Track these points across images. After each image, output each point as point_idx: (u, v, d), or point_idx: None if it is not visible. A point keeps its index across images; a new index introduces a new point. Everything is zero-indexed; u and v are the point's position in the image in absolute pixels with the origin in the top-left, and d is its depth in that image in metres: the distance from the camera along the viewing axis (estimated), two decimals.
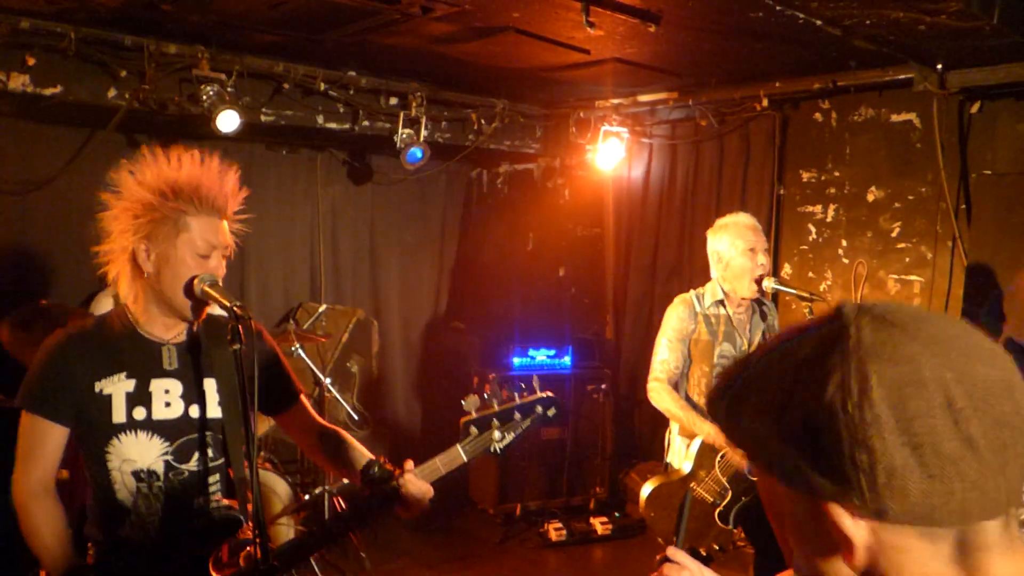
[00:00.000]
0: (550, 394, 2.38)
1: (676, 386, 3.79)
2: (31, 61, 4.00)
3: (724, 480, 3.61)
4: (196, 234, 2.13)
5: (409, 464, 2.22)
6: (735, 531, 3.76)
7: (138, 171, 2.15)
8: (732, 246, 3.69)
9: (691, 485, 3.62)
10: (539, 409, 2.34)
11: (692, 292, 3.85)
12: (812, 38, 4.05)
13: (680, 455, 3.77)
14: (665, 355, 3.77)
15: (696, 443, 3.67)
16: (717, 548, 3.70)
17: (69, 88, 4.20)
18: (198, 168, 2.17)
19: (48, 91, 4.14)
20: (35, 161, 4.84)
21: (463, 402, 2.28)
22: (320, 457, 2.48)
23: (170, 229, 2.11)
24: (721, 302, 3.77)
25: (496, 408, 2.29)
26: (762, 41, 4.19)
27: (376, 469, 2.29)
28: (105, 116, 4.40)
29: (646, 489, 3.79)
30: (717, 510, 3.64)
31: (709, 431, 3.58)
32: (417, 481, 2.17)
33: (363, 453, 2.40)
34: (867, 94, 5.03)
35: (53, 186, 4.82)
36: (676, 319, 3.78)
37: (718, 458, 3.61)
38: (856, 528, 0.85)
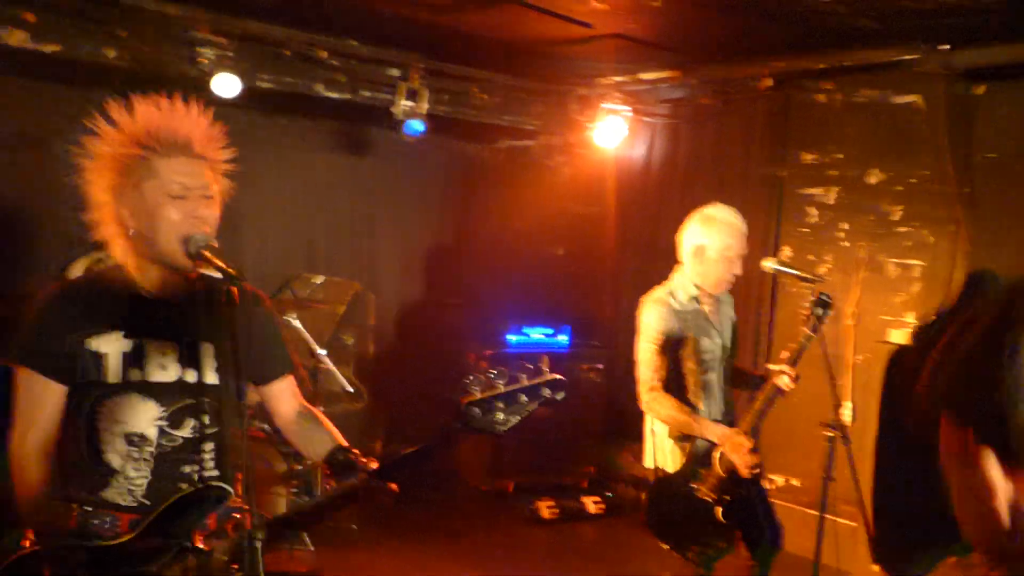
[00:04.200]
0: (559, 377, 2.23)
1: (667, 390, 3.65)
2: (31, 18, 3.95)
3: (724, 476, 3.52)
4: (164, 176, 2.02)
5: (373, 463, 2.13)
6: (736, 531, 3.68)
7: (101, 128, 2.07)
8: (719, 245, 3.55)
9: (693, 485, 3.53)
10: (547, 392, 2.21)
11: (663, 291, 3.65)
12: (816, 15, 4.01)
13: (674, 456, 3.65)
14: (656, 362, 3.59)
15: (698, 443, 3.56)
16: (724, 546, 3.63)
17: (69, 46, 4.14)
18: (156, 110, 2.08)
19: (48, 48, 4.08)
20: (31, 120, 4.78)
21: (466, 381, 2.14)
22: (292, 437, 2.43)
23: (139, 179, 2.02)
24: (695, 297, 3.64)
25: (502, 389, 2.17)
26: (765, 18, 4.16)
27: (341, 457, 2.23)
28: (105, 77, 4.34)
29: (651, 493, 3.77)
30: (720, 508, 3.54)
31: (722, 432, 3.49)
32: (379, 483, 2.08)
33: (333, 438, 2.32)
34: (870, 75, 4.97)
35: (48, 146, 4.77)
36: (659, 321, 3.59)
37: (716, 455, 3.52)
38: None
